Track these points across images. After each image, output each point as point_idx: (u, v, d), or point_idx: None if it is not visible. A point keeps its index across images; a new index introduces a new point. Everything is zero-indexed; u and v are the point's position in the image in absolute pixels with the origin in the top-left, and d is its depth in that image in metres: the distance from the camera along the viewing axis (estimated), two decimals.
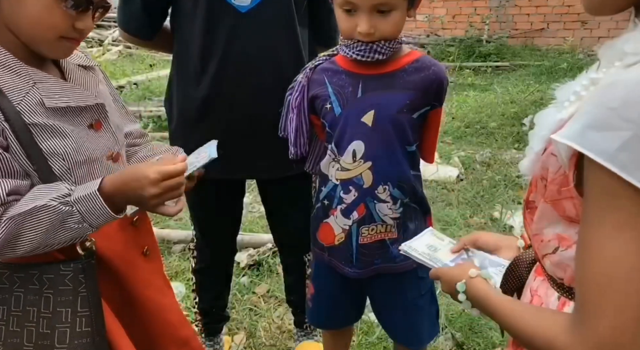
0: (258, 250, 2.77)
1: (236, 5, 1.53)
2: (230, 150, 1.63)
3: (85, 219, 0.98)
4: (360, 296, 1.58)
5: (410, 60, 1.34)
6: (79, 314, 1.04)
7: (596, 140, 0.59)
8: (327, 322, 1.67)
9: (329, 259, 1.47)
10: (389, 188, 1.35)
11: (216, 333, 2.07)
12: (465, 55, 7.60)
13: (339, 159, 1.37)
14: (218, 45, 1.56)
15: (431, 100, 1.35)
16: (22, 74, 1.01)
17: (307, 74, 1.41)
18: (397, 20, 1.26)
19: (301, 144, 1.46)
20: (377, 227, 1.38)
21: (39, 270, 1.04)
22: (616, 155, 0.58)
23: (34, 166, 1.00)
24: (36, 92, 1.01)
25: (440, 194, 3.52)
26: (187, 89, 1.65)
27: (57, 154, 1.02)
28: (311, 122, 1.45)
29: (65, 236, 0.99)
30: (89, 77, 1.16)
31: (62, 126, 1.03)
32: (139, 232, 1.20)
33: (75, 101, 1.06)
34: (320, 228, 1.46)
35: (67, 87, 1.07)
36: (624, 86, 0.59)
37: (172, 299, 1.28)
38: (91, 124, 1.10)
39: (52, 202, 0.96)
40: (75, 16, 1.00)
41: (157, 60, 7.86)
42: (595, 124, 0.60)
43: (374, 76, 1.33)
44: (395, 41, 1.29)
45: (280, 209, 1.90)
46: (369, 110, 1.32)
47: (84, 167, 1.07)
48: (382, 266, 1.41)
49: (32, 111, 1.00)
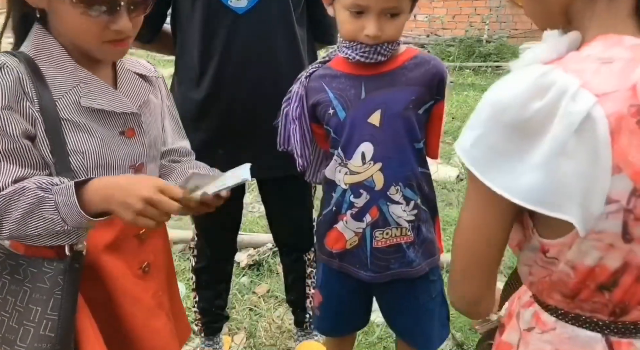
0: (258, 250, 2.77)
1: (233, 7, 1.53)
2: (229, 150, 1.63)
3: (59, 211, 0.96)
4: (369, 301, 1.56)
5: (408, 58, 1.33)
6: (47, 316, 1.01)
7: (463, 138, 0.71)
8: (336, 329, 1.64)
9: (340, 265, 1.43)
10: (401, 188, 1.33)
11: (216, 333, 2.06)
12: (466, 55, 7.60)
13: (346, 163, 1.35)
14: (216, 46, 1.56)
15: (434, 94, 1.34)
16: (71, 72, 1.05)
17: (303, 83, 1.39)
18: (402, 23, 1.27)
19: (307, 154, 1.44)
20: (391, 231, 1.35)
21: (27, 263, 1.03)
22: (469, 151, 0.69)
23: (54, 158, 1.01)
24: (77, 91, 1.05)
25: (440, 194, 3.51)
26: (187, 90, 1.66)
27: (79, 151, 1.04)
28: (313, 131, 1.43)
29: (42, 225, 0.96)
30: (141, 86, 1.18)
31: (92, 126, 1.05)
32: (143, 247, 1.17)
33: (111, 106, 1.08)
34: (327, 235, 1.43)
35: (108, 91, 1.09)
36: (490, 91, 0.69)
37: (162, 321, 1.21)
38: (123, 131, 1.11)
39: (32, 184, 0.96)
40: (108, 20, 1.01)
41: (157, 60, 7.84)
42: (468, 125, 0.71)
43: (376, 76, 1.32)
44: (395, 42, 1.30)
45: (280, 209, 1.90)
46: (375, 110, 1.31)
47: (103, 170, 1.07)
48: (398, 271, 1.38)
49: (68, 107, 1.03)
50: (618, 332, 0.74)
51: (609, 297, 0.72)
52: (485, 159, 0.68)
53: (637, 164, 0.62)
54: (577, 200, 0.64)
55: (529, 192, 0.65)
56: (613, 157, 0.62)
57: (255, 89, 1.60)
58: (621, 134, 0.61)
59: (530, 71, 0.66)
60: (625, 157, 0.61)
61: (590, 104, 0.61)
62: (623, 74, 0.63)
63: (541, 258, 0.74)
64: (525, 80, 0.65)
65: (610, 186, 0.63)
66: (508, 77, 0.69)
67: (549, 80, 0.64)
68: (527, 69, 0.67)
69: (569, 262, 0.71)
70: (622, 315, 0.73)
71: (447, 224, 3.06)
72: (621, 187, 0.63)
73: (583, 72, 0.64)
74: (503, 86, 0.68)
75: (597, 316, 0.75)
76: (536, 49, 0.72)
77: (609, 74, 0.63)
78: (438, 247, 1.44)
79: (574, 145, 0.62)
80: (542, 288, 0.79)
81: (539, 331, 0.80)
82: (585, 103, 0.61)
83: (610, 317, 0.74)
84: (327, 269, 1.50)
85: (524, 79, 0.66)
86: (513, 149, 0.65)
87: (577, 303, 0.75)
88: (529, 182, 0.65)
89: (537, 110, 0.63)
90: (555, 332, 0.78)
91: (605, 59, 0.65)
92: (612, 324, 0.74)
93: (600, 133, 0.61)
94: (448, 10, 8.36)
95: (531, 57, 0.71)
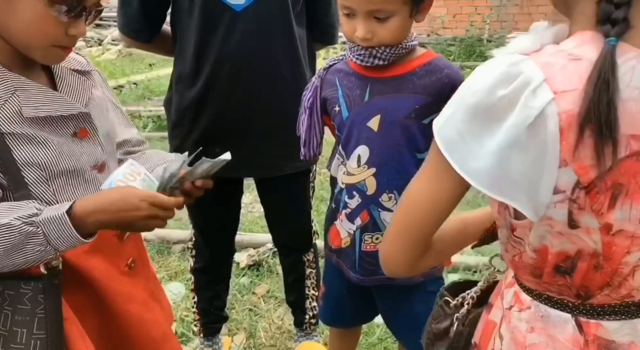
0: (258, 251, 2.76)
1: (231, 4, 1.52)
2: (226, 149, 1.62)
3: (50, 242, 0.93)
4: (369, 299, 1.55)
5: (422, 63, 1.29)
6: (34, 335, 0.99)
7: (440, 115, 0.75)
8: (336, 321, 1.67)
9: (337, 261, 1.46)
10: (395, 196, 1.30)
11: (215, 333, 2.06)
12: (466, 55, 7.60)
13: (345, 163, 1.35)
14: (214, 44, 1.56)
15: (443, 105, 1.31)
16: (2, 80, 0.97)
17: (320, 75, 1.39)
18: (396, 27, 1.21)
19: (314, 145, 1.44)
20: (381, 237, 1.33)
21: (2, 285, 0.99)
22: (441, 128, 0.74)
23: (5, 176, 0.96)
24: (15, 100, 0.97)
25: None
26: (184, 88, 1.65)
27: (34, 163, 0.98)
28: (324, 123, 1.43)
29: (25, 259, 0.94)
30: (82, 83, 1.12)
31: (42, 135, 0.99)
32: (124, 244, 1.15)
33: (58, 110, 1.01)
34: (330, 230, 1.45)
35: (50, 95, 1.02)
36: (471, 74, 0.72)
37: (156, 313, 1.22)
38: (75, 132, 1.05)
39: (16, 221, 0.91)
40: (68, 23, 0.96)
41: (157, 60, 7.85)
42: (447, 103, 0.75)
43: (383, 79, 1.29)
44: (398, 47, 1.25)
45: (279, 209, 1.90)
46: (375, 115, 1.28)
47: (64, 177, 1.03)
48: (386, 277, 1.38)
49: (8, 120, 0.95)
50: (587, 313, 0.78)
51: (570, 281, 0.76)
52: (451, 138, 0.72)
53: (582, 159, 0.66)
54: (524, 189, 0.69)
55: (482, 176, 0.70)
56: (561, 151, 0.66)
57: (252, 88, 1.59)
58: (570, 131, 0.65)
59: (504, 59, 0.70)
60: (571, 153, 0.66)
61: (546, 101, 0.65)
62: (586, 73, 0.65)
63: (510, 236, 0.79)
64: (497, 67, 0.69)
65: (557, 178, 0.67)
66: (487, 63, 0.72)
67: (516, 70, 0.67)
68: (503, 57, 0.70)
69: (530, 245, 0.76)
70: (587, 299, 0.77)
71: None
72: (567, 179, 0.67)
73: (551, 67, 0.67)
74: (478, 71, 0.72)
75: (565, 298, 0.78)
76: (521, 39, 0.74)
77: (573, 71, 0.66)
78: None
79: (525, 139, 0.66)
80: (516, 267, 0.83)
81: (517, 309, 0.84)
82: (542, 99, 0.65)
83: (577, 299, 0.77)
84: (329, 263, 1.52)
85: (497, 66, 0.69)
86: (475, 132, 0.70)
87: (544, 285, 0.79)
88: (482, 166, 0.69)
89: (500, 98, 0.67)
90: (530, 310, 0.82)
91: (575, 56, 0.67)
92: (581, 306, 0.78)
93: (550, 129, 0.65)
94: (449, 9, 8.36)
95: (513, 47, 0.73)
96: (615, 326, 0.77)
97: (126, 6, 1.65)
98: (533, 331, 0.81)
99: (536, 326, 0.81)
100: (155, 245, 2.88)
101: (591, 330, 0.77)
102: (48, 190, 1.02)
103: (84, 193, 1.07)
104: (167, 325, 1.28)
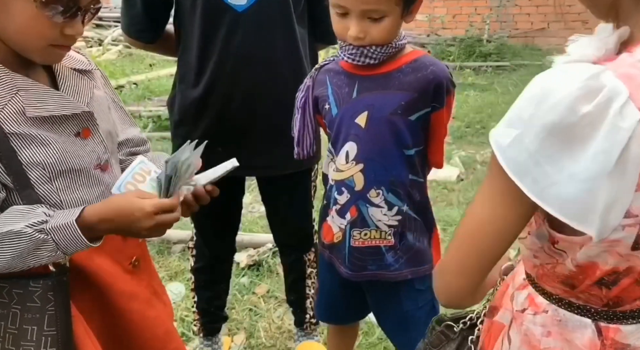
0: (258, 250, 2.76)
1: (232, 4, 1.53)
2: (227, 149, 1.63)
3: (60, 248, 0.96)
4: (361, 296, 1.57)
5: (408, 61, 1.31)
6: (44, 333, 1.00)
7: (500, 134, 0.67)
8: (330, 317, 1.69)
9: (329, 256, 1.48)
10: (383, 192, 1.33)
11: (215, 333, 2.06)
12: (466, 55, 7.59)
13: (335, 160, 1.37)
14: (215, 44, 1.56)
15: (429, 101, 1.32)
16: (5, 81, 0.97)
17: (312, 75, 1.42)
18: (388, 27, 1.23)
19: (307, 144, 1.46)
20: (370, 233, 1.36)
21: (9, 284, 1.00)
22: (506, 150, 0.66)
23: (10, 177, 0.96)
24: (19, 100, 0.97)
25: (440, 194, 3.51)
26: (186, 88, 1.66)
27: (37, 163, 0.99)
28: (317, 122, 1.45)
29: (36, 262, 0.96)
30: (83, 82, 1.12)
31: (45, 135, 1.00)
32: (128, 243, 1.16)
33: (61, 110, 1.02)
34: (322, 225, 1.47)
35: (53, 95, 1.03)
36: (532, 85, 0.65)
37: (160, 310, 1.23)
38: (78, 132, 1.06)
39: (28, 229, 0.93)
40: (63, 23, 0.96)
41: (157, 60, 7.85)
42: (507, 119, 0.67)
43: (370, 77, 1.32)
44: (388, 46, 1.27)
45: (280, 209, 1.90)
46: (363, 111, 1.31)
47: (68, 176, 1.04)
48: (376, 272, 1.40)
49: (12, 120, 0.96)
50: (607, 318, 0.76)
51: (606, 293, 0.73)
52: (521, 161, 0.64)
53: None
54: (599, 213, 0.63)
55: (564, 203, 0.63)
56: None
57: (254, 87, 1.60)
58: None
59: (580, 70, 0.62)
60: None
61: (635, 121, 0.59)
62: None
63: (549, 247, 0.74)
64: (574, 80, 0.61)
65: (632, 202, 0.63)
66: (555, 73, 0.64)
67: (598, 84, 0.60)
68: (576, 67, 0.63)
69: (574, 260, 0.72)
70: (615, 307, 0.75)
71: (447, 224, 3.05)
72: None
73: (632, 80, 0.61)
74: (550, 83, 0.63)
75: (590, 305, 0.76)
76: (584, 43, 0.68)
77: None
78: (431, 259, 1.42)
79: (615, 165, 0.60)
80: (543, 273, 0.79)
81: (531, 312, 0.81)
82: (631, 119, 0.59)
83: (604, 307, 0.76)
84: (322, 259, 1.55)
85: (574, 78, 0.61)
86: (551, 154, 0.62)
87: (575, 293, 0.76)
88: (565, 194, 0.62)
89: (583, 116, 0.60)
90: (547, 314, 0.79)
91: None
92: (604, 312, 0.76)
93: (632, 151, 0.60)
94: (448, 9, 8.36)
95: (578, 53, 0.67)
96: (632, 329, 0.75)
97: (130, 7, 1.66)
98: (549, 335, 0.78)
99: (553, 330, 0.78)
100: (156, 245, 2.88)
101: (610, 335, 0.75)
102: (52, 190, 1.02)
103: (87, 192, 1.08)
104: (170, 322, 1.29)
